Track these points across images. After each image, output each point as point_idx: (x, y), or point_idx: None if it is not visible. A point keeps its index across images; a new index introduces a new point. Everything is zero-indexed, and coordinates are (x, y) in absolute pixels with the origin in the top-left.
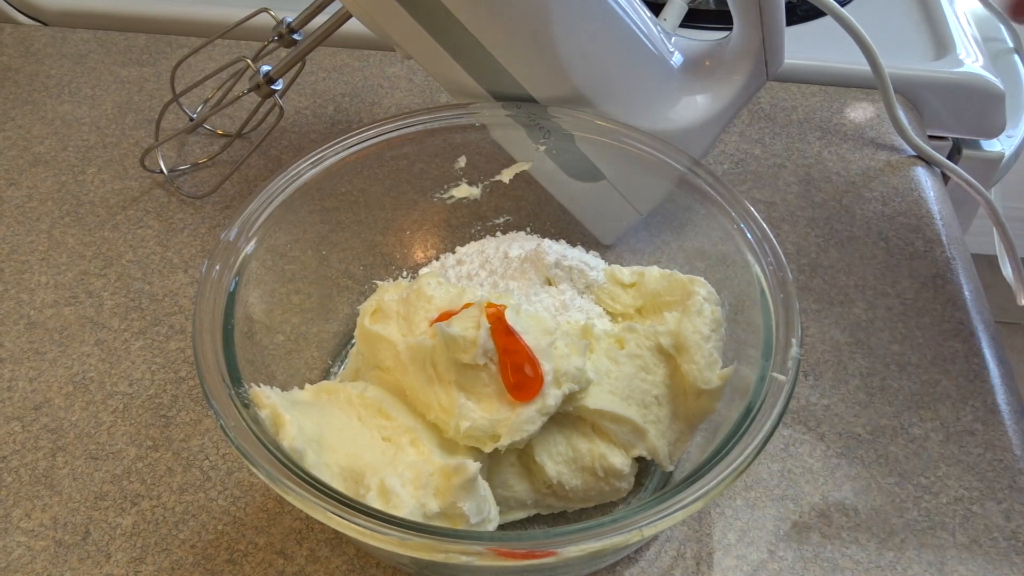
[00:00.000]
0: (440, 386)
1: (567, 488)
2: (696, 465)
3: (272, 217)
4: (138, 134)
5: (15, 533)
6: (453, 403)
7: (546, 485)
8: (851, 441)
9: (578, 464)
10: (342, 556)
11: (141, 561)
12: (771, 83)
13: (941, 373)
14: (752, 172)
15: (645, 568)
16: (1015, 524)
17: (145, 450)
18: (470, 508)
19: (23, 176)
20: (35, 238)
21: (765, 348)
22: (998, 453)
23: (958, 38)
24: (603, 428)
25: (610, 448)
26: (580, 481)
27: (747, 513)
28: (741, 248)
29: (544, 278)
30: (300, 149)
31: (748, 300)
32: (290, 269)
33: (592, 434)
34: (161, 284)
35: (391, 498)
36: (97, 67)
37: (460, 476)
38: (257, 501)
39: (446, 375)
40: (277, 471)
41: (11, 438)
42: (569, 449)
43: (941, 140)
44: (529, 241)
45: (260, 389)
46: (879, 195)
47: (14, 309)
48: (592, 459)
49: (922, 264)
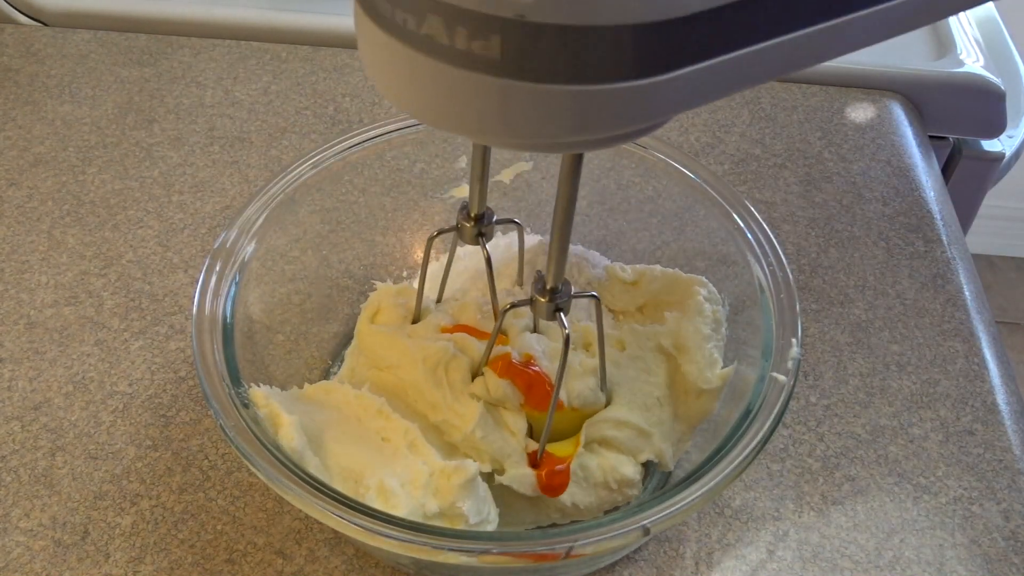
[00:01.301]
0: (452, 393)
1: (581, 507)
2: (696, 465)
3: (272, 217)
4: (138, 134)
5: (14, 533)
6: (469, 411)
7: (557, 509)
8: (851, 441)
9: (590, 482)
10: (341, 556)
11: (140, 561)
12: (771, 83)
13: (941, 373)
14: (752, 172)
15: (645, 568)
16: (1014, 524)
17: (144, 450)
18: (469, 508)
19: (23, 176)
20: (35, 238)
21: (765, 348)
22: (998, 453)
23: (958, 38)
24: (608, 439)
25: (618, 458)
26: (594, 498)
27: (746, 513)
28: (741, 248)
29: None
30: (300, 149)
31: (748, 300)
32: (290, 269)
33: (598, 448)
34: (161, 284)
35: (390, 498)
36: (97, 67)
37: (460, 476)
38: (256, 501)
39: (461, 385)
40: (277, 471)
41: (10, 438)
42: (579, 469)
43: (941, 140)
44: (530, 238)
45: (259, 389)
46: (879, 195)
47: (14, 309)
48: (603, 473)
49: (922, 264)
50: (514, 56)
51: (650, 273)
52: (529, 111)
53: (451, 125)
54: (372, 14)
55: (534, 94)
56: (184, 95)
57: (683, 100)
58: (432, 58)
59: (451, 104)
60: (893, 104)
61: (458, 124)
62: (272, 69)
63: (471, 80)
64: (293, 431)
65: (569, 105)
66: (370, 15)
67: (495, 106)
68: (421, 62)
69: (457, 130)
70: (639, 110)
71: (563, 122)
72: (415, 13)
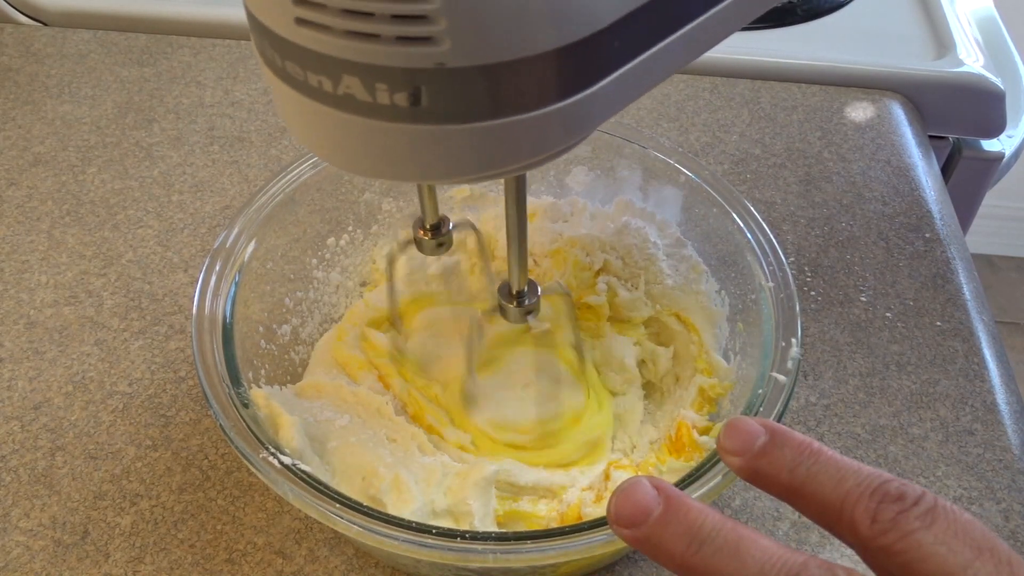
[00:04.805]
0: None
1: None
2: (696, 465)
3: (272, 217)
4: (138, 134)
5: (14, 532)
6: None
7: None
8: (851, 441)
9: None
10: (341, 556)
11: (140, 561)
12: (771, 83)
13: (941, 373)
14: (752, 172)
15: (645, 568)
16: (1014, 524)
17: (144, 450)
18: (478, 507)
19: (23, 176)
20: (35, 238)
21: (765, 348)
22: (998, 453)
23: (958, 38)
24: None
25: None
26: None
27: (745, 514)
28: (741, 248)
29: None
30: (300, 149)
31: (748, 300)
32: (290, 269)
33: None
34: (161, 284)
35: (404, 492)
36: (97, 67)
37: (478, 473)
38: (256, 501)
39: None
40: (277, 471)
41: (10, 437)
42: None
43: (941, 140)
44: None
45: (260, 389)
46: (879, 195)
47: (14, 309)
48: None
49: (922, 264)
50: (439, 102)
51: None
52: (462, 149)
53: (388, 173)
54: (282, 76)
55: (463, 134)
56: (184, 95)
57: (606, 109)
58: (352, 114)
59: (382, 153)
60: (893, 104)
61: (395, 171)
62: None
63: (397, 130)
64: (293, 431)
65: (500, 137)
66: (280, 77)
67: (428, 150)
68: (340, 119)
69: (397, 178)
70: (568, 128)
71: (497, 155)
72: (330, 75)
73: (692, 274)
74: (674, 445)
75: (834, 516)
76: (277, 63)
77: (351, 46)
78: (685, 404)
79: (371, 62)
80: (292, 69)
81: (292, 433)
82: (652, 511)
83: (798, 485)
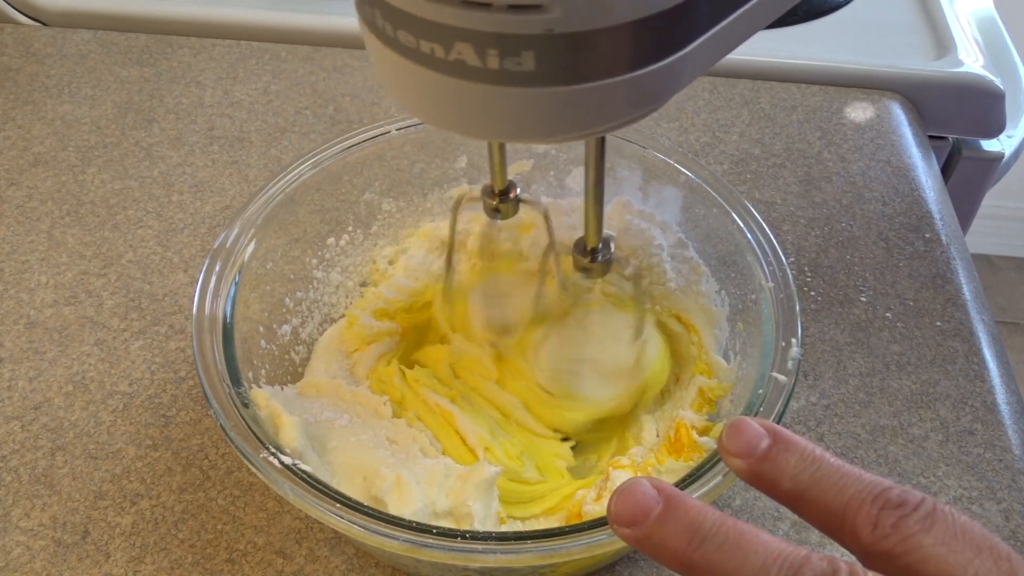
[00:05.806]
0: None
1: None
2: (696, 464)
3: (272, 217)
4: (138, 134)
5: (14, 532)
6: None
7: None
8: (851, 441)
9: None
10: (341, 556)
11: (140, 560)
12: (771, 83)
13: (941, 373)
14: (752, 172)
15: (645, 568)
16: (1014, 524)
17: (144, 450)
18: (478, 509)
19: (23, 176)
20: (35, 238)
21: (765, 348)
22: (998, 453)
23: (958, 38)
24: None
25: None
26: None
27: (746, 514)
28: (741, 248)
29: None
30: (300, 149)
31: (748, 300)
32: (290, 269)
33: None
34: (161, 284)
35: (405, 492)
36: (97, 67)
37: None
38: (256, 501)
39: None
40: (277, 471)
41: (10, 437)
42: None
43: (941, 140)
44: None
45: (260, 389)
46: (879, 195)
47: (14, 309)
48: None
49: (922, 264)
50: (547, 66)
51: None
52: (565, 111)
53: (489, 134)
54: (393, 46)
55: (569, 95)
56: (184, 95)
57: (691, 72)
58: (463, 80)
59: (488, 116)
60: (892, 104)
61: (496, 132)
62: (272, 69)
63: (506, 94)
64: (294, 431)
65: (600, 98)
66: (390, 46)
67: (533, 112)
68: (452, 84)
69: (495, 137)
70: (659, 89)
71: (597, 114)
72: (443, 42)
73: (692, 275)
74: (673, 445)
75: (836, 523)
76: (388, 32)
77: (465, 14)
78: (684, 404)
79: (484, 29)
80: (404, 38)
81: (292, 433)
82: (652, 510)
83: (800, 491)
